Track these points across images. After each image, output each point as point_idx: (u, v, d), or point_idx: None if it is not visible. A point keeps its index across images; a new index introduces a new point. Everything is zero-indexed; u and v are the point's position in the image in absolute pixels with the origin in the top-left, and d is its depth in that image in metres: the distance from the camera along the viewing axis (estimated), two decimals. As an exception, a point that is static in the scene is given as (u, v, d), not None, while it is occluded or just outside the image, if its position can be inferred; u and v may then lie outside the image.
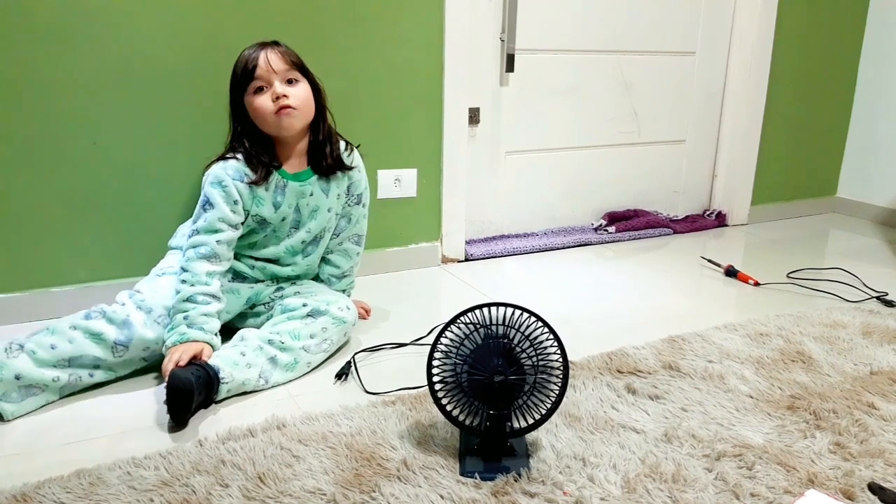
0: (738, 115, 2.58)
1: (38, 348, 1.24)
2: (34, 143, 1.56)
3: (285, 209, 1.47)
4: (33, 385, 1.23)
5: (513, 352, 1.07)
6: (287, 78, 1.41)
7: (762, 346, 1.53)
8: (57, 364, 1.25)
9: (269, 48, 1.40)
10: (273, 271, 1.52)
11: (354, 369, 1.41)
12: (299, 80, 1.43)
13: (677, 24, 2.43)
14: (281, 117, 1.39)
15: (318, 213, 1.52)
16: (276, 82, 1.39)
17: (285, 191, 1.46)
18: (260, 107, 1.40)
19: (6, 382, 1.21)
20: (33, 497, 0.99)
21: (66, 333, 1.27)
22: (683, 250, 2.32)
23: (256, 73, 1.38)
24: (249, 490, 1.02)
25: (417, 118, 1.98)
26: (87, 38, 1.55)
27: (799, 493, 1.03)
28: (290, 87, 1.41)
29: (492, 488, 1.03)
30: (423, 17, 1.91)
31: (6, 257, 1.59)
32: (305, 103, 1.43)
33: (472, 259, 2.16)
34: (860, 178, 2.80)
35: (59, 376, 1.25)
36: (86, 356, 1.27)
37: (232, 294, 1.48)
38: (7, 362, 1.22)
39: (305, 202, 1.49)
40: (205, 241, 1.37)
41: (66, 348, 1.26)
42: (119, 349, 1.30)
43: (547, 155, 2.34)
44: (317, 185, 1.50)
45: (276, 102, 1.38)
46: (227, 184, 1.39)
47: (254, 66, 1.38)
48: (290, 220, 1.50)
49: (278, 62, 1.40)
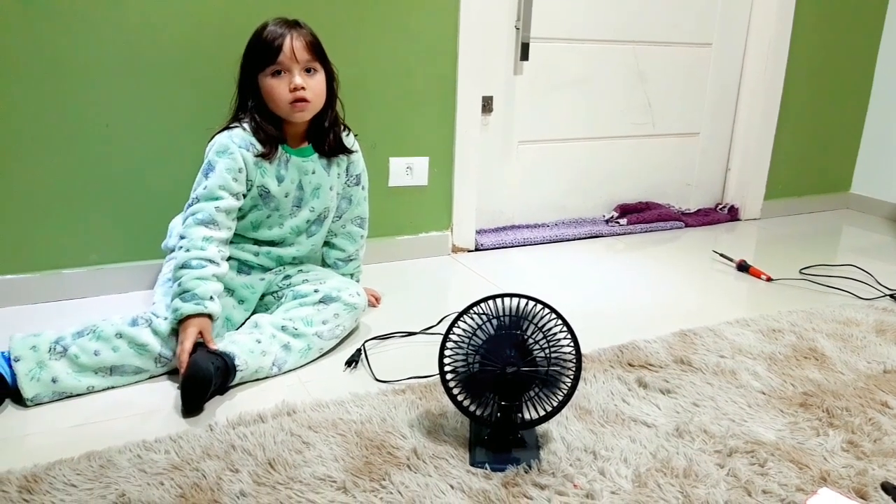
0: (753, 108, 2.55)
1: (82, 353, 1.23)
2: (47, 124, 1.55)
3: (288, 184, 1.47)
4: (67, 392, 1.22)
5: (526, 343, 1.06)
6: (307, 67, 1.40)
7: (774, 343, 1.52)
8: (98, 371, 1.25)
9: (294, 31, 1.39)
10: (278, 254, 1.52)
11: (364, 357, 1.41)
12: (318, 71, 1.42)
13: (694, 15, 2.40)
14: (294, 109, 1.40)
15: (320, 190, 1.51)
16: (295, 72, 1.38)
17: (288, 165, 1.46)
18: (276, 91, 1.39)
19: (43, 384, 1.20)
20: (44, 478, 0.99)
21: (112, 341, 1.25)
22: (695, 244, 2.30)
23: (279, 59, 1.37)
24: (259, 476, 1.02)
25: (430, 106, 1.96)
26: (103, 21, 1.55)
27: (811, 490, 1.03)
28: (309, 77, 1.40)
29: (502, 479, 1.03)
30: (438, 4, 1.90)
31: (17, 238, 1.59)
32: (319, 96, 1.43)
33: (482, 249, 2.15)
34: (875, 175, 2.78)
35: (94, 385, 1.24)
36: (128, 366, 1.27)
37: (247, 289, 1.47)
38: (48, 363, 1.21)
39: (308, 179, 1.49)
40: (203, 207, 1.36)
41: (109, 357, 1.25)
42: (162, 360, 1.29)
43: (560, 145, 2.32)
44: (318, 163, 1.50)
45: (293, 94, 1.38)
46: (232, 151, 1.39)
47: (278, 49, 1.37)
48: (293, 198, 1.49)
49: (302, 51, 1.39)
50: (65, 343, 1.24)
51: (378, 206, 1.92)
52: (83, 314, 1.56)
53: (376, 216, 1.79)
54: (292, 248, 1.53)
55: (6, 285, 1.59)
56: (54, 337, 1.24)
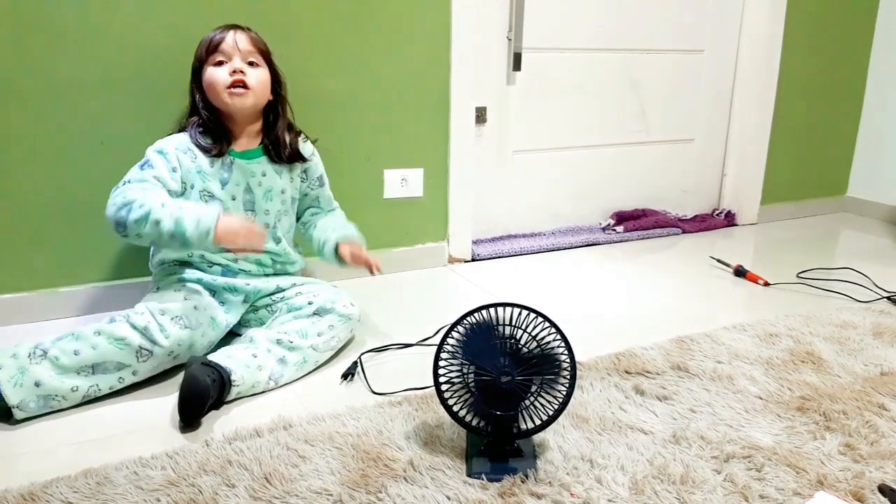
0: (748, 113, 2.56)
1: (62, 354, 1.23)
2: (43, 142, 1.56)
3: (233, 187, 1.47)
4: (52, 395, 1.22)
5: (520, 352, 1.06)
6: (249, 59, 1.44)
7: (772, 347, 1.52)
8: (80, 370, 1.24)
9: (238, 29, 1.45)
10: (257, 259, 1.52)
11: (361, 369, 1.41)
12: (260, 65, 1.46)
13: (686, 23, 2.41)
14: (233, 94, 1.42)
15: (272, 193, 1.52)
16: (236, 59, 1.42)
17: (232, 168, 1.47)
18: (215, 77, 1.42)
19: (26, 388, 1.20)
20: (41, 496, 0.99)
21: (90, 339, 1.25)
22: (692, 250, 2.30)
23: (221, 47, 1.42)
24: (256, 490, 1.02)
25: (424, 117, 1.97)
26: (97, 38, 1.56)
27: (808, 494, 1.02)
28: (250, 67, 1.44)
29: (499, 489, 1.03)
30: (430, 17, 1.91)
31: (14, 256, 1.59)
32: (261, 86, 1.45)
33: (478, 259, 2.15)
34: (871, 178, 2.78)
35: (78, 385, 1.23)
36: (109, 362, 1.26)
37: (230, 293, 1.47)
38: (29, 368, 1.21)
39: (257, 181, 1.49)
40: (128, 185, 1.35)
41: (89, 354, 1.24)
42: (143, 353, 1.28)
43: (554, 154, 2.33)
44: (269, 167, 1.51)
45: (232, 76, 1.41)
46: (167, 151, 1.41)
47: (220, 41, 1.42)
48: (244, 201, 1.49)
49: (245, 42, 1.44)
50: (44, 347, 1.24)
51: (373, 219, 1.93)
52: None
53: (372, 228, 1.79)
54: (264, 255, 1.52)
55: (2, 304, 1.59)
56: (33, 344, 1.25)
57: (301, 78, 1.77)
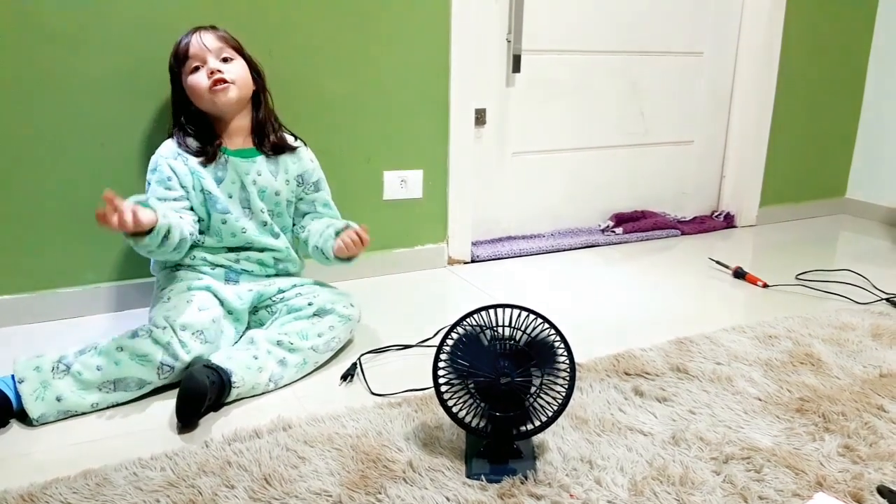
0: (747, 115, 2.56)
1: (85, 369, 1.23)
2: (43, 143, 1.56)
3: (228, 185, 1.48)
4: (72, 410, 1.22)
5: (518, 352, 1.06)
6: (222, 56, 1.45)
7: (771, 349, 1.52)
8: (101, 386, 1.24)
9: (201, 29, 1.46)
10: (258, 258, 1.52)
11: (360, 371, 1.41)
12: (234, 59, 1.46)
13: (685, 24, 2.42)
14: (216, 93, 1.42)
15: (266, 193, 1.51)
16: (210, 59, 1.43)
17: (227, 166, 1.48)
18: (195, 83, 1.43)
19: (48, 403, 1.20)
20: (40, 497, 0.99)
21: (113, 355, 1.25)
22: (691, 252, 2.31)
23: (190, 53, 1.43)
24: (255, 491, 1.02)
25: (423, 119, 1.98)
26: (97, 41, 1.56)
27: (807, 496, 1.03)
28: (225, 64, 1.44)
29: (498, 490, 1.03)
30: (430, 18, 1.91)
31: (13, 258, 1.59)
32: (242, 78, 1.46)
33: (478, 260, 2.15)
34: (869, 179, 2.79)
35: (98, 402, 1.24)
36: (131, 378, 1.26)
37: (237, 300, 1.46)
38: (52, 383, 1.21)
39: (251, 179, 1.50)
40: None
41: (111, 371, 1.24)
42: (165, 370, 1.28)
43: (554, 156, 2.33)
44: (265, 166, 1.51)
45: (211, 77, 1.41)
46: (159, 166, 1.45)
47: (187, 46, 1.43)
48: (240, 199, 1.50)
49: (212, 40, 1.44)
50: (67, 361, 1.24)
51: (373, 220, 1.92)
52: (80, 333, 1.56)
53: (371, 230, 1.78)
54: (265, 254, 1.53)
55: (2, 305, 1.59)
56: (57, 356, 1.25)
57: (301, 80, 1.78)
